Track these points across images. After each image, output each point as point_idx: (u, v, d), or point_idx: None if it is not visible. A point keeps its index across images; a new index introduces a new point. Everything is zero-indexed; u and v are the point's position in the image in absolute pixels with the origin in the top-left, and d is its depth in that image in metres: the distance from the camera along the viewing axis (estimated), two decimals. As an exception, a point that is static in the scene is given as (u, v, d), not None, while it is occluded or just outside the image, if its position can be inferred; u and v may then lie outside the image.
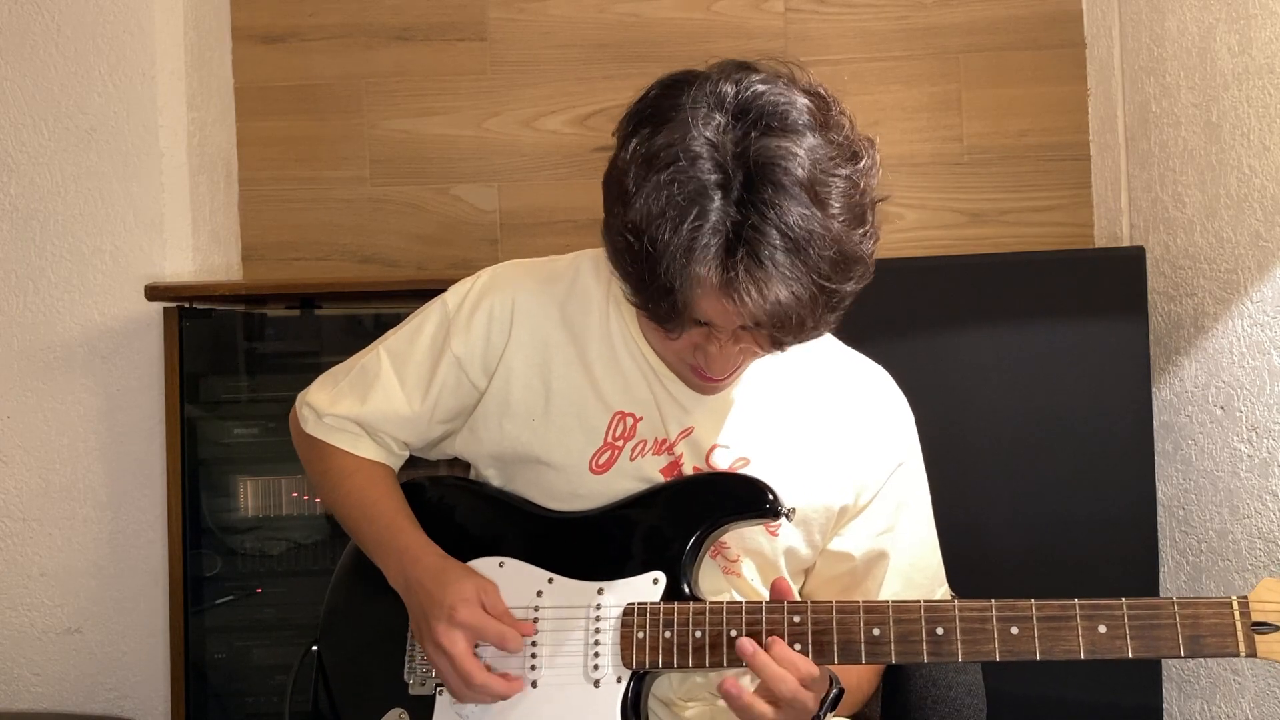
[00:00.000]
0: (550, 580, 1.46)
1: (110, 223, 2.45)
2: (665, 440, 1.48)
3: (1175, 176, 2.23)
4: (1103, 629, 1.28)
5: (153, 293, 2.35)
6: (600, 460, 1.48)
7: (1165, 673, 2.19)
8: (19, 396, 2.46)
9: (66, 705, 2.46)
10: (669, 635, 1.39)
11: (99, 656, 2.47)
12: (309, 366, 2.21)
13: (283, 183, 2.68)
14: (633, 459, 1.48)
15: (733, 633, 1.36)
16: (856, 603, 1.35)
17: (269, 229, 2.68)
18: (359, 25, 2.67)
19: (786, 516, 1.42)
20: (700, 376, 1.42)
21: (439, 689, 1.46)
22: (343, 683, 1.56)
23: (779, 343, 1.32)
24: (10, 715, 2.44)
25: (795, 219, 1.22)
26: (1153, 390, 2.21)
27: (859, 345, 1.58)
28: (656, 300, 1.28)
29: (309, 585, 2.32)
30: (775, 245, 1.22)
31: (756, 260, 1.22)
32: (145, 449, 2.44)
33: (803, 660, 1.32)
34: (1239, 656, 1.26)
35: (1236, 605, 1.27)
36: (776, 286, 1.23)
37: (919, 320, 2.16)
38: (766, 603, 1.37)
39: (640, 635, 1.39)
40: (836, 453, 1.50)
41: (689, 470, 1.48)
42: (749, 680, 1.36)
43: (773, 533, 1.48)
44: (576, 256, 1.55)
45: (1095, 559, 2.11)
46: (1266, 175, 1.97)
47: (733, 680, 1.32)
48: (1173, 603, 1.28)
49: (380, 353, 1.56)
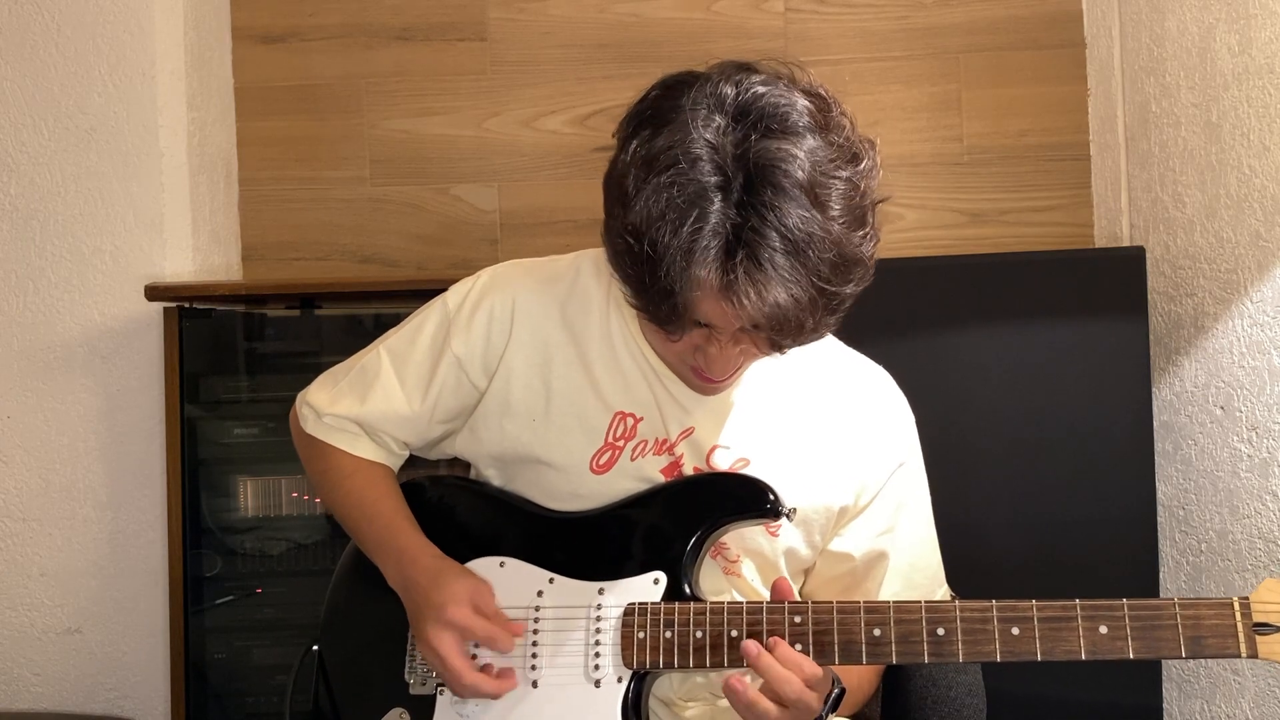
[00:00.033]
0: (551, 580, 1.46)
1: (110, 223, 2.45)
2: (666, 440, 1.48)
3: (1175, 176, 2.23)
4: (1104, 630, 1.28)
5: (153, 293, 2.35)
6: (601, 460, 1.48)
7: (1165, 673, 2.19)
8: (19, 396, 2.46)
9: (66, 705, 2.46)
10: (670, 635, 1.39)
11: (99, 656, 2.46)
12: (309, 366, 2.20)
13: (283, 183, 2.68)
14: (633, 459, 1.48)
15: (733, 633, 1.36)
16: (857, 603, 1.35)
17: (269, 229, 2.68)
18: (359, 25, 2.66)
19: (787, 517, 1.42)
20: (700, 377, 1.42)
21: (439, 689, 1.46)
22: (343, 682, 1.56)
23: (777, 345, 1.32)
24: (10, 715, 2.44)
25: (795, 221, 1.22)
26: (1153, 390, 2.21)
27: (859, 345, 1.58)
28: (657, 302, 1.28)
29: (309, 585, 2.32)
30: (775, 248, 1.22)
31: (756, 263, 1.22)
32: (145, 449, 2.44)
33: (806, 661, 1.32)
34: (1240, 658, 1.26)
35: (1238, 606, 1.27)
36: (775, 289, 1.23)
37: (919, 320, 2.16)
38: (767, 603, 1.37)
39: (641, 635, 1.39)
40: (837, 453, 1.50)
41: (689, 470, 1.48)
42: (750, 680, 1.36)
43: (773, 533, 1.48)
44: (577, 256, 1.55)
45: (1095, 559, 2.11)
46: (1266, 175, 1.97)
47: (737, 677, 1.32)
48: (1174, 603, 1.28)
49: (380, 352, 1.55)
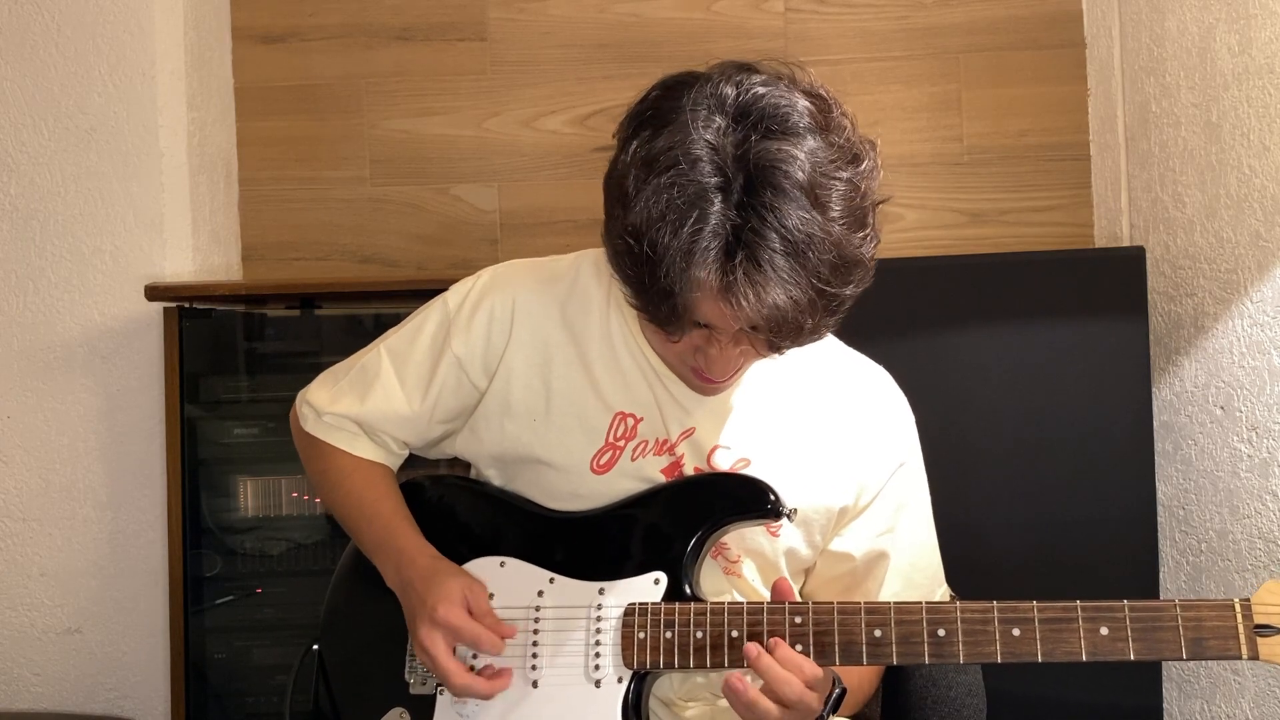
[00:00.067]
0: (551, 580, 1.46)
1: (110, 223, 2.45)
2: (666, 441, 1.47)
3: (1175, 176, 2.23)
4: (1104, 631, 1.28)
5: (153, 293, 2.35)
6: (601, 460, 1.48)
7: (1165, 673, 2.19)
8: (19, 396, 2.46)
9: (66, 705, 2.46)
10: (670, 636, 1.39)
11: (99, 656, 2.46)
12: (309, 366, 2.20)
13: (283, 183, 2.68)
14: (634, 459, 1.48)
15: (734, 633, 1.36)
16: (858, 604, 1.35)
17: (269, 229, 2.68)
18: (359, 25, 2.66)
19: (788, 517, 1.42)
20: (701, 378, 1.42)
21: (439, 689, 1.46)
22: (343, 682, 1.56)
23: (776, 346, 1.32)
24: (10, 715, 2.44)
25: (795, 222, 1.22)
26: (1153, 390, 2.21)
27: (859, 345, 1.58)
28: (657, 303, 1.28)
29: (309, 585, 2.32)
30: (775, 249, 1.22)
31: (755, 264, 1.22)
32: (145, 449, 2.44)
33: (807, 662, 1.32)
34: (1241, 659, 1.26)
35: (1239, 608, 1.27)
36: (775, 290, 1.23)
37: (919, 320, 2.16)
38: (768, 603, 1.37)
39: (641, 635, 1.39)
40: (837, 453, 1.49)
41: (690, 471, 1.47)
42: (751, 680, 1.36)
43: (774, 533, 1.48)
44: (577, 257, 1.55)
45: (1095, 559, 2.11)
46: (1266, 175, 1.97)
47: (738, 676, 1.32)
48: (1175, 605, 1.28)
49: (380, 352, 1.55)
